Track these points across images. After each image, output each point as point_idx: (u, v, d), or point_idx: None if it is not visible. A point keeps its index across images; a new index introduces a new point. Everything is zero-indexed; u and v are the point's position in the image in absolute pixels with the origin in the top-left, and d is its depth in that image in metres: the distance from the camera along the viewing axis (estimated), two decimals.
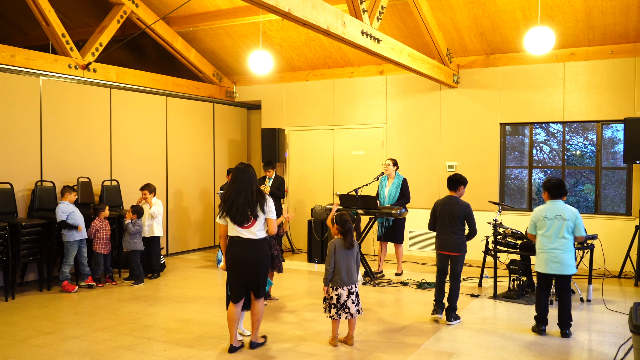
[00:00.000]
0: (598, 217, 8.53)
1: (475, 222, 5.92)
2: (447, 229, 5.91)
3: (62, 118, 8.10)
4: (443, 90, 9.61)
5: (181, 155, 10.14)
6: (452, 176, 6.08)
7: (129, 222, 7.76)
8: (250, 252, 4.81)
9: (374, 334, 5.54)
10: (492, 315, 6.23)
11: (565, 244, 5.42)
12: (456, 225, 5.87)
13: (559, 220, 5.44)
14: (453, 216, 5.87)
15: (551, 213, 5.50)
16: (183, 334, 5.54)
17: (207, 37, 10.32)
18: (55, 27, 8.10)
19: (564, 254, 5.42)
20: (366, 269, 7.91)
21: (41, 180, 7.75)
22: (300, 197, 10.85)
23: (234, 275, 4.86)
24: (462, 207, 5.88)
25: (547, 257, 5.49)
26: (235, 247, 4.82)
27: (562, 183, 5.60)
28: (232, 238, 4.84)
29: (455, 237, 5.87)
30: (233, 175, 4.86)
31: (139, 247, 7.83)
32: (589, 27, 8.19)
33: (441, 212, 5.98)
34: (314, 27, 5.37)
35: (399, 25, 8.96)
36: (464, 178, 6.06)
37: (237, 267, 4.83)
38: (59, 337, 5.41)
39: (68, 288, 7.28)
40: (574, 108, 8.69)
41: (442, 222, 5.95)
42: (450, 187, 6.04)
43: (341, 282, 5.08)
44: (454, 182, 6.02)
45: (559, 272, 5.45)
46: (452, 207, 5.91)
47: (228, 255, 4.87)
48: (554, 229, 5.45)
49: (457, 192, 6.01)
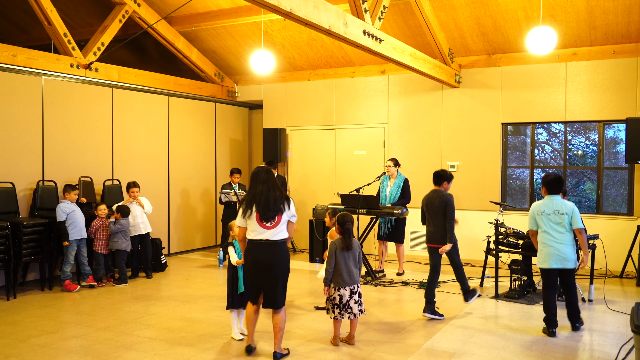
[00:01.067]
0: (600, 217, 8.52)
1: (453, 213, 6.06)
2: (433, 221, 6.12)
3: (64, 117, 8.10)
4: (445, 90, 9.60)
5: (183, 154, 10.14)
6: (437, 172, 6.28)
7: (111, 222, 7.72)
8: (271, 255, 4.68)
9: (375, 334, 5.53)
10: (494, 315, 6.22)
11: (565, 238, 5.44)
12: (440, 217, 6.07)
13: (557, 215, 5.46)
14: (436, 208, 6.07)
15: (549, 208, 5.52)
16: (185, 333, 5.54)
17: (209, 36, 10.33)
18: (57, 26, 8.10)
19: (565, 247, 5.43)
20: (367, 269, 7.91)
21: (43, 179, 7.76)
22: (302, 197, 10.86)
23: (253, 278, 4.74)
24: (442, 198, 6.07)
25: (549, 252, 5.48)
26: (256, 250, 4.69)
27: (560, 179, 5.61)
28: (252, 241, 4.72)
29: (440, 228, 6.08)
30: (259, 176, 4.76)
31: (123, 246, 7.75)
32: (591, 27, 8.17)
33: (427, 205, 6.21)
34: (316, 27, 5.37)
35: (400, 25, 8.96)
36: (449, 174, 6.26)
37: (255, 272, 4.70)
38: (60, 337, 5.42)
39: (69, 287, 7.29)
40: (576, 108, 8.67)
41: (429, 215, 6.18)
42: (435, 181, 6.27)
43: (343, 283, 5.07)
44: (438, 177, 6.23)
45: (562, 267, 5.45)
46: (434, 199, 6.12)
47: (248, 259, 4.74)
48: (553, 224, 5.47)
49: (441, 186, 6.21)
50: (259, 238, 4.69)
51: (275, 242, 4.71)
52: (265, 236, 4.68)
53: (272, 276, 4.71)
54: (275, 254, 4.71)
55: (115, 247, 7.73)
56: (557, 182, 5.57)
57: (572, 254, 5.46)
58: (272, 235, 4.69)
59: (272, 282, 4.72)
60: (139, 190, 8.18)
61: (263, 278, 4.71)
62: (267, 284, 4.73)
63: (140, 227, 8.16)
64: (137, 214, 8.13)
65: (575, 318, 5.60)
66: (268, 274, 4.70)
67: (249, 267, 4.76)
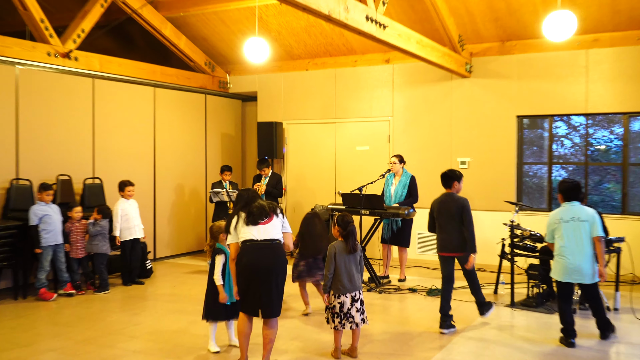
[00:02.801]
0: (625, 218, 8.46)
1: (472, 219, 5.89)
2: (447, 228, 5.94)
3: (41, 111, 8.03)
4: (454, 80, 9.55)
5: (170, 151, 10.09)
6: (444, 173, 6.10)
7: (90, 223, 7.66)
8: (267, 257, 4.61)
9: (380, 345, 5.48)
10: (509, 325, 6.17)
11: (584, 250, 5.39)
12: (455, 223, 5.89)
13: (576, 222, 5.43)
14: (451, 214, 5.90)
15: (567, 215, 5.49)
16: (172, 345, 5.48)
17: (199, 22, 10.28)
18: (33, 11, 8.04)
19: (582, 261, 5.39)
20: (371, 275, 7.85)
21: (17, 178, 7.69)
22: (300, 197, 10.80)
23: (248, 285, 4.63)
24: (458, 202, 5.90)
25: (564, 265, 5.47)
26: (250, 252, 4.61)
27: (578, 185, 5.59)
28: (245, 243, 4.65)
29: (456, 235, 5.88)
30: (242, 197, 4.86)
31: (103, 250, 7.67)
32: (614, 10, 8.11)
33: (438, 210, 6.02)
34: (315, 12, 5.33)
35: (406, 10, 8.90)
36: (458, 173, 6.08)
37: (251, 276, 4.60)
38: (35, 350, 5.35)
39: (45, 296, 7.21)
40: (598, 99, 8.61)
41: (441, 221, 6.00)
42: (444, 184, 6.07)
43: (343, 289, 5.01)
44: (447, 178, 6.04)
45: (579, 281, 5.45)
46: (448, 204, 5.95)
47: (241, 263, 4.63)
48: (571, 232, 5.43)
49: (452, 188, 6.02)
50: (252, 238, 4.63)
51: (271, 242, 4.66)
52: (259, 235, 4.63)
53: (269, 280, 4.62)
54: (272, 255, 4.64)
55: (94, 250, 7.66)
56: (574, 190, 5.56)
57: (590, 268, 5.41)
58: (266, 234, 4.65)
59: (268, 288, 4.63)
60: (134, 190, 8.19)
61: (259, 283, 4.61)
62: (263, 290, 4.62)
63: (136, 230, 8.14)
64: (133, 216, 8.14)
65: (604, 327, 5.56)
66: (265, 278, 4.61)
67: (243, 272, 4.65)
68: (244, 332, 4.76)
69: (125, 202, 8.08)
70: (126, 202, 8.10)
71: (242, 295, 4.73)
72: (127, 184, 8.14)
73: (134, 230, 8.13)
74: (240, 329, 4.78)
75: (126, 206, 8.07)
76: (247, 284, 4.65)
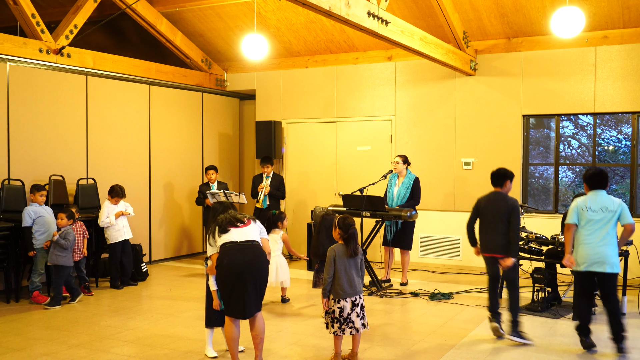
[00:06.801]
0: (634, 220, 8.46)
1: (519, 224, 5.85)
2: (492, 229, 5.86)
3: (33, 109, 8.08)
4: (459, 78, 9.59)
5: (166, 150, 10.13)
6: (495, 171, 6.04)
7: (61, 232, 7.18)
8: (248, 256, 4.67)
9: (381, 351, 5.51)
10: None
11: (609, 238, 5.39)
12: (502, 224, 5.81)
13: (605, 212, 5.43)
14: (499, 213, 5.83)
15: (596, 205, 5.48)
16: (168, 350, 5.52)
17: (195, 18, 10.30)
18: (24, 6, 8.06)
19: (606, 248, 5.37)
20: (372, 278, 7.90)
21: (8, 178, 7.73)
22: (300, 198, 10.84)
23: (232, 288, 4.68)
24: (509, 202, 5.84)
25: (586, 252, 5.41)
26: (231, 253, 4.66)
27: (603, 173, 5.56)
28: (225, 245, 4.71)
29: (502, 236, 5.81)
30: (216, 208, 5.09)
31: (65, 262, 7.16)
32: (624, 6, 8.15)
33: (485, 209, 5.95)
34: (315, 8, 5.36)
35: (409, 5, 8.94)
36: (510, 172, 6.03)
37: (233, 278, 4.64)
38: (28, 355, 5.39)
39: (39, 299, 7.26)
40: (607, 98, 8.66)
41: (486, 220, 5.92)
42: (495, 182, 6.01)
43: (343, 293, 5.04)
44: (498, 177, 5.98)
45: (601, 270, 5.36)
46: (497, 202, 5.88)
47: (222, 265, 4.67)
48: (598, 222, 5.42)
49: (503, 187, 5.96)
50: (232, 240, 4.72)
51: (251, 242, 4.76)
52: (239, 238, 4.72)
53: (250, 279, 4.66)
54: (253, 254, 4.73)
55: (56, 261, 7.15)
56: (598, 177, 5.53)
57: (613, 257, 5.39)
58: (245, 236, 4.75)
59: (251, 287, 4.68)
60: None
61: (242, 284, 4.64)
62: (247, 288, 4.65)
63: (124, 231, 8.17)
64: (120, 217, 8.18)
65: (620, 337, 5.40)
66: (247, 278, 4.65)
67: (225, 275, 4.68)
68: (232, 336, 4.83)
69: (113, 206, 8.12)
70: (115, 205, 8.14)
71: (226, 299, 4.77)
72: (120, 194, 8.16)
73: (122, 232, 8.15)
74: (229, 335, 4.85)
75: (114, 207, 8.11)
76: (230, 287, 4.70)
